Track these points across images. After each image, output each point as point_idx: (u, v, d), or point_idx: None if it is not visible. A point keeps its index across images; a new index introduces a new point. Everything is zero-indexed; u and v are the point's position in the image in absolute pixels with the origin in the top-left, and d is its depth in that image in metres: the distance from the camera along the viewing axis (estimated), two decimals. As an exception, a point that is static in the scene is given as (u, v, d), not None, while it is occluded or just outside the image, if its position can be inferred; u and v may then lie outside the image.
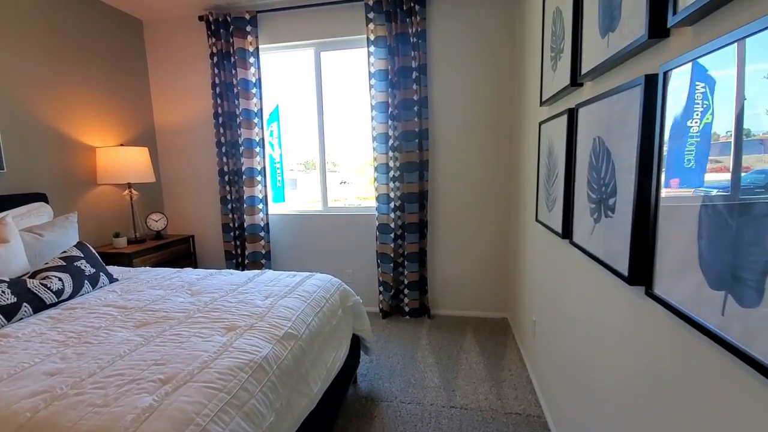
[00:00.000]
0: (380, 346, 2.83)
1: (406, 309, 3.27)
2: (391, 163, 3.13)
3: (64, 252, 2.05)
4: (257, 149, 3.31)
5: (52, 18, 2.69)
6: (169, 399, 1.12)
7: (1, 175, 2.37)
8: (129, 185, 3.10)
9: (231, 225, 3.43)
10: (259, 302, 1.84)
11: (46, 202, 2.54)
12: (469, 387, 2.32)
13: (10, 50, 2.43)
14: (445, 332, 3.04)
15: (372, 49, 3.02)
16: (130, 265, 2.82)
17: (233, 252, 3.46)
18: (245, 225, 3.37)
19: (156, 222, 3.30)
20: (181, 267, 3.26)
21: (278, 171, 3.65)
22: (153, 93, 3.57)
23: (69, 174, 2.81)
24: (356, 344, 2.30)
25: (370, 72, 3.06)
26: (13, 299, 1.64)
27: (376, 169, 3.18)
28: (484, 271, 3.27)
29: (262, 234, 3.40)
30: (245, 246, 3.42)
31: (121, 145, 3.16)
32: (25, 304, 1.68)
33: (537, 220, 2.13)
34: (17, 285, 1.70)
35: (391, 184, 3.16)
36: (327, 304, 2.00)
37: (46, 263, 1.95)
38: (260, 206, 3.38)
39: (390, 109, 3.05)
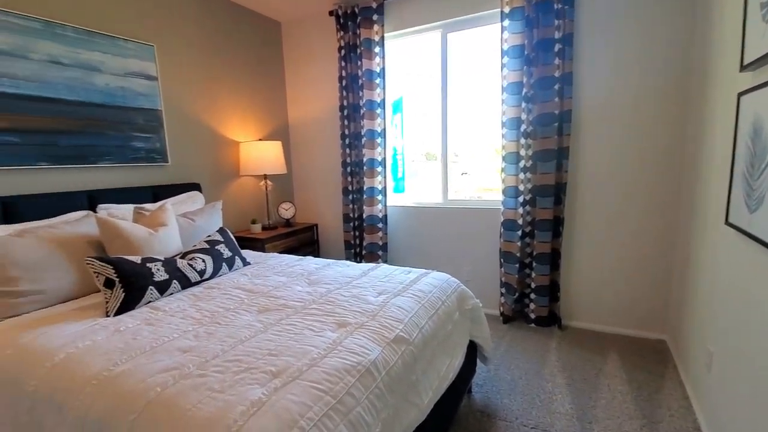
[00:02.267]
0: (499, 355, 2.55)
1: (532, 316, 2.90)
2: (523, 152, 2.78)
3: (209, 236, 2.28)
4: (378, 140, 3.28)
5: (206, 24, 3.04)
6: (277, 395, 1.09)
7: (166, 167, 2.78)
8: (265, 176, 3.39)
9: (351, 215, 3.49)
10: (371, 299, 1.76)
11: (200, 191, 2.90)
12: (612, 422, 1.90)
13: (176, 57, 2.80)
14: (580, 348, 2.60)
15: (506, 23, 2.70)
16: (263, 249, 3.07)
17: (352, 242, 3.53)
18: (364, 216, 3.40)
19: (286, 211, 3.55)
20: (306, 254, 3.46)
21: (399, 162, 3.59)
22: (288, 90, 3.83)
23: (218, 166, 3.18)
24: (473, 352, 2.08)
25: (502, 49, 2.74)
26: (165, 276, 1.86)
27: (504, 158, 2.86)
28: (639, 280, 2.69)
29: (380, 225, 3.39)
30: (363, 237, 3.45)
31: (260, 139, 3.45)
32: (174, 281, 1.89)
33: (728, 223, 1.60)
34: (170, 264, 1.92)
35: (521, 176, 2.81)
36: (443, 307, 1.83)
37: (194, 245, 2.18)
38: (379, 197, 3.36)
39: (524, 90, 2.70)
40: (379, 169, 3.32)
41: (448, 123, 3.20)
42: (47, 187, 2.19)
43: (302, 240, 3.54)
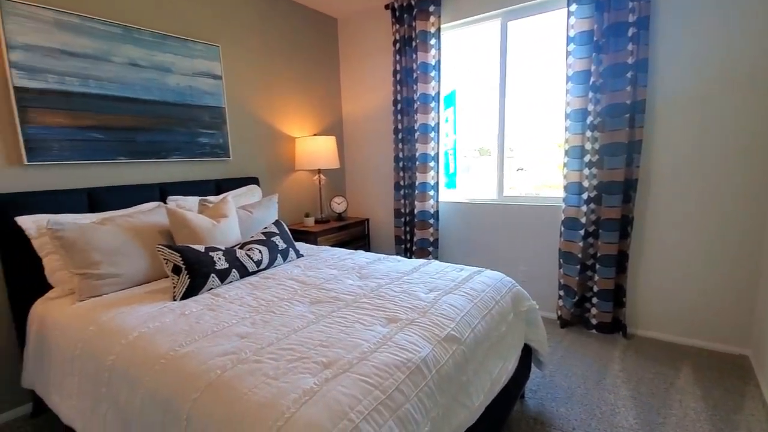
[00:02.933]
0: (556, 361, 2.42)
1: (593, 321, 2.72)
2: (588, 145, 2.60)
3: (265, 228, 2.37)
4: (432, 134, 3.23)
5: (267, 24, 3.15)
6: (328, 386, 1.10)
7: (228, 162, 2.93)
8: (319, 171, 3.47)
9: (402, 210, 3.48)
10: (422, 295, 1.74)
11: (258, 184, 3.03)
12: (686, 443, 1.74)
13: (238, 56, 2.94)
14: (647, 359, 2.40)
15: (573, 7, 2.53)
16: (315, 242, 3.15)
17: (402, 237, 3.52)
18: (415, 211, 3.37)
19: (338, 205, 3.61)
20: (357, 248, 3.50)
21: (451, 157, 3.52)
22: (342, 86, 3.89)
23: (275, 161, 3.29)
24: (527, 355, 1.99)
25: (568, 36, 2.57)
26: (226, 265, 1.96)
27: (566, 153, 2.69)
28: (719, 287, 2.43)
29: (431, 221, 3.34)
30: (414, 232, 3.42)
31: (315, 135, 3.54)
32: (234, 270, 1.99)
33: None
34: (230, 253, 2.02)
35: (586, 171, 2.63)
36: (497, 307, 1.76)
37: (252, 237, 2.28)
38: (431, 193, 3.31)
39: (592, 79, 2.52)
40: (432, 164, 3.27)
41: (505, 116, 3.07)
42: (125, 180, 2.39)
43: (353, 234, 3.58)
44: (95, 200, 2.18)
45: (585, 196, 2.65)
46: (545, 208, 2.95)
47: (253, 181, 3.01)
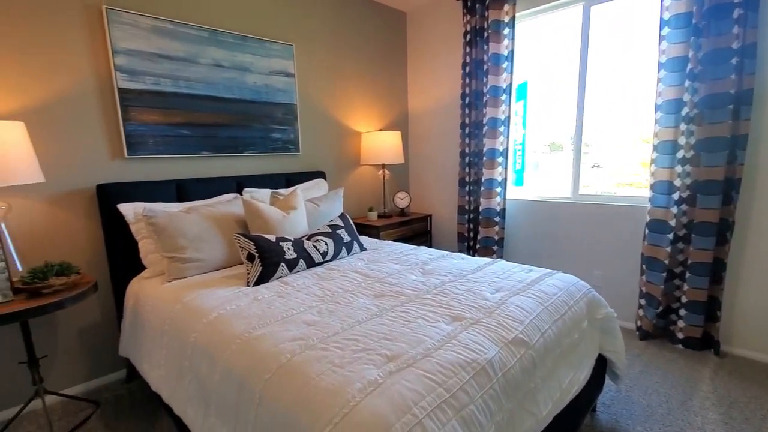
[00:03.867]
0: (634, 375, 2.22)
1: (680, 335, 2.46)
2: (682, 140, 2.34)
3: (331, 221, 2.44)
4: (501, 128, 3.11)
5: (338, 21, 3.23)
6: (392, 378, 1.10)
7: (297, 156, 3.06)
8: (383, 166, 3.50)
9: (466, 207, 3.40)
10: (488, 294, 1.68)
11: (324, 178, 3.12)
12: (793, 482, 1.51)
13: (310, 54, 3.04)
14: (742, 381, 2.13)
15: (668, -12, 2.29)
16: (377, 237, 3.18)
17: (466, 235, 3.44)
18: (480, 208, 3.27)
19: (401, 200, 3.62)
20: (418, 244, 3.48)
21: (519, 153, 3.37)
22: (409, 80, 3.87)
23: (341, 155, 3.38)
24: (601, 366, 1.85)
25: (662, 20, 2.33)
26: (294, 255, 2.04)
27: (655, 148, 2.44)
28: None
29: (496, 219, 3.23)
30: (478, 230, 3.33)
31: (380, 130, 3.57)
32: (301, 260, 2.07)
33: None
34: (298, 244, 2.11)
35: (678, 168, 2.37)
36: (569, 312, 1.65)
37: (318, 229, 2.36)
38: (498, 190, 3.20)
39: (689, 66, 2.26)
40: (500, 159, 3.15)
41: (584, 108, 2.86)
42: (207, 173, 2.59)
43: (416, 230, 3.57)
44: (182, 191, 2.38)
45: (676, 196, 2.39)
46: (627, 208, 2.71)
47: (320, 175, 3.11)
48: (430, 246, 3.68)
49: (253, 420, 1.17)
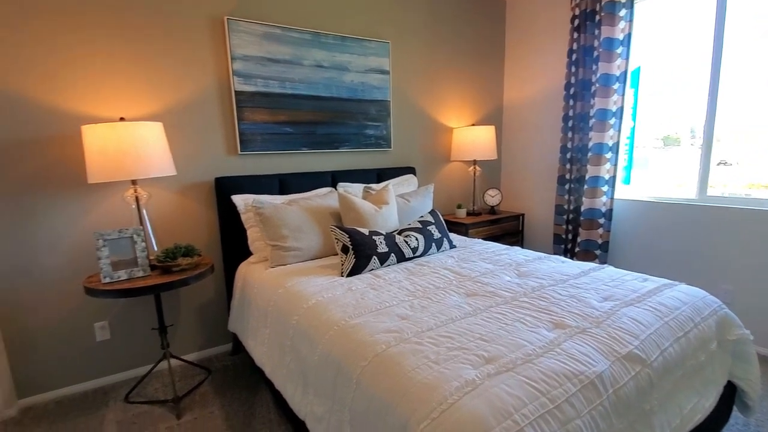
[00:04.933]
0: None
1: (841, 371, 2.01)
2: None
3: (422, 217, 2.43)
4: (612, 121, 2.83)
5: (434, 14, 3.19)
6: (491, 381, 1.06)
7: (388, 152, 3.11)
8: (474, 162, 3.40)
9: (565, 207, 3.15)
10: (595, 303, 1.54)
11: (414, 174, 3.13)
12: None
13: (405, 50, 3.07)
14: None
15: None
16: (465, 234, 3.11)
17: (563, 236, 3.20)
18: (582, 209, 3.02)
19: (492, 198, 3.49)
20: (509, 244, 3.33)
21: (626, 148, 3.03)
22: (506, 71, 3.70)
23: (431, 151, 3.36)
24: (729, 395, 1.60)
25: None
26: (386, 249, 2.08)
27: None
28: None
29: (601, 221, 2.95)
30: (578, 232, 3.07)
31: (473, 124, 3.47)
32: (392, 254, 2.10)
33: None
34: (389, 238, 2.14)
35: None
36: (695, 330, 1.45)
37: (409, 224, 2.37)
38: (604, 188, 2.91)
39: None
40: (609, 155, 2.86)
41: (718, 97, 2.47)
42: (305, 167, 2.75)
43: (506, 229, 3.42)
44: (283, 184, 2.57)
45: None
46: (766, 213, 2.30)
47: (410, 170, 3.12)
48: (521, 246, 3.49)
49: (350, 402, 1.22)
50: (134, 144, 1.90)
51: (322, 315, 1.55)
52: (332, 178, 2.75)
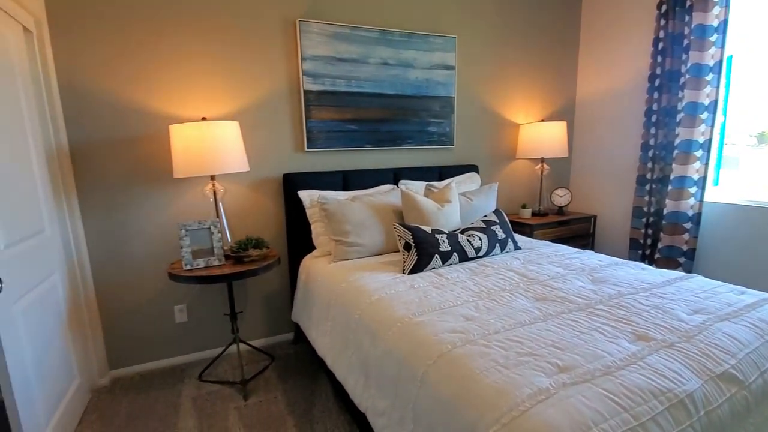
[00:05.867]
0: None
1: None
2: None
3: (485, 216, 2.36)
4: (704, 115, 2.56)
5: (504, 6, 3.07)
6: (566, 391, 1.01)
7: (451, 149, 3.05)
8: (542, 160, 3.24)
9: (645, 209, 2.90)
10: (683, 316, 1.40)
11: (477, 172, 3.05)
12: None
13: (472, 45, 2.99)
14: None
15: None
16: (530, 236, 2.97)
17: (641, 241, 2.95)
18: (664, 211, 2.76)
19: (560, 197, 3.30)
20: (578, 246, 3.14)
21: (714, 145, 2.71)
22: (580, 64, 3.48)
23: (495, 149, 3.25)
24: None
25: None
26: (448, 248, 2.05)
27: None
28: None
29: (687, 225, 2.68)
30: (659, 237, 2.81)
31: (542, 120, 3.31)
32: (455, 253, 2.06)
33: None
34: (452, 237, 2.10)
35: None
36: (809, 353, 1.26)
37: (471, 223, 2.32)
38: (692, 189, 2.65)
39: None
40: (699, 153, 2.59)
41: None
42: (368, 164, 2.79)
43: (575, 231, 3.22)
44: (347, 180, 2.62)
45: None
46: None
47: (473, 168, 3.05)
48: (592, 250, 3.27)
49: (414, 399, 1.21)
50: (214, 142, 2.03)
51: (385, 311, 1.56)
52: (394, 176, 2.76)
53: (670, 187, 2.71)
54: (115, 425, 1.96)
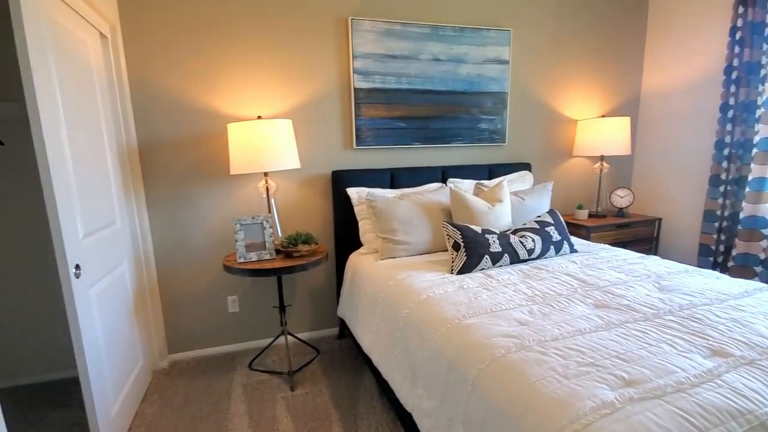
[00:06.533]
0: None
1: None
2: None
3: (539, 216, 2.26)
4: (787, 111, 2.30)
5: (561, -2, 2.94)
6: (633, 407, 0.93)
7: (502, 147, 2.95)
8: (601, 158, 3.06)
9: (718, 213, 2.65)
10: (765, 331, 1.26)
11: (529, 170, 2.93)
12: None
13: (528, 38, 2.86)
14: None
15: None
16: (587, 238, 2.82)
17: (712, 248, 2.70)
18: (740, 215, 2.51)
19: (621, 198, 3.10)
20: (639, 251, 2.94)
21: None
22: (647, 55, 3.23)
23: (550, 146, 3.10)
24: None
25: None
26: (499, 249, 1.98)
27: None
28: None
29: (766, 231, 2.42)
30: (733, 243, 2.57)
31: (602, 116, 3.11)
32: (506, 254, 1.99)
33: None
34: (503, 238, 2.03)
35: None
36: None
37: (524, 224, 2.23)
38: (773, 193, 2.39)
39: None
40: (782, 152, 2.34)
41: None
42: (416, 162, 2.76)
43: (637, 234, 3.01)
44: (394, 178, 2.61)
45: None
46: None
47: (525, 166, 2.93)
48: (655, 255, 3.05)
49: (464, 403, 1.18)
50: (268, 140, 2.10)
51: (434, 311, 1.53)
52: (442, 174, 2.71)
53: (747, 189, 2.46)
54: (173, 406, 2.08)
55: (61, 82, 1.53)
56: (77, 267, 1.49)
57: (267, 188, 2.32)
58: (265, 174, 2.31)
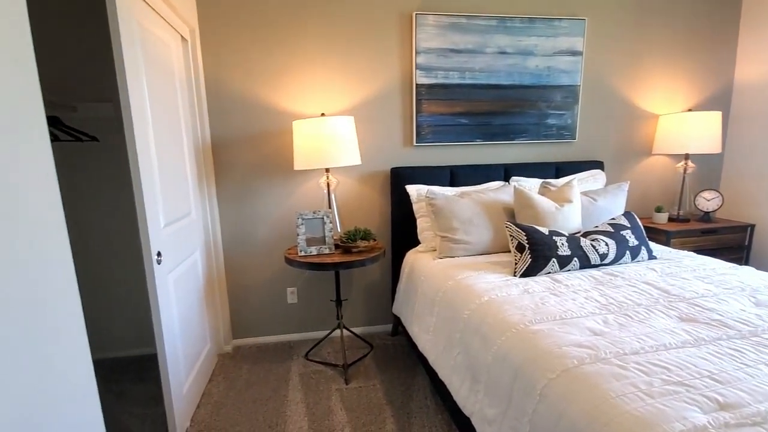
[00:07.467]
0: None
1: None
2: None
3: (613, 219, 2.10)
4: None
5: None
6: (730, 435, 0.83)
7: (571, 144, 2.78)
8: (686, 156, 2.77)
9: (831, 221, 2.31)
10: None
11: (602, 169, 2.73)
12: None
13: (604, 26, 2.66)
14: None
15: None
16: (666, 244, 2.57)
17: (823, 261, 2.35)
18: None
19: (708, 202, 2.79)
20: (727, 260, 2.63)
21: None
22: (741, 42, 2.89)
23: (625, 143, 2.87)
24: None
25: None
26: (568, 252, 1.86)
27: None
28: None
29: None
30: None
31: (688, 110, 2.82)
32: (575, 258, 1.87)
33: None
34: (572, 241, 1.91)
35: None
36: None
37: (596, 226, 2.07)
38: None
39: None
40: None
41: None
42: (477, 159, 2.68)
43: (724, 242, 2.70)
44: (454, 176, 2.55)
45: None
46: None
47: (597, 165, 2.73)
48: (746, 265, 2.72)
49: (531, 413, 1.12)
50: (331, 136, 2.13)
51: (497, 314, 1.47)
52: (505, 172, 2.61)
53: None
54: (236, 388, 2.19)
55: (149, 84, 1.65)
56: (159, 254, 1.62)
57: (328, 184, 2.37)
58: (327, 170, 2.35)
